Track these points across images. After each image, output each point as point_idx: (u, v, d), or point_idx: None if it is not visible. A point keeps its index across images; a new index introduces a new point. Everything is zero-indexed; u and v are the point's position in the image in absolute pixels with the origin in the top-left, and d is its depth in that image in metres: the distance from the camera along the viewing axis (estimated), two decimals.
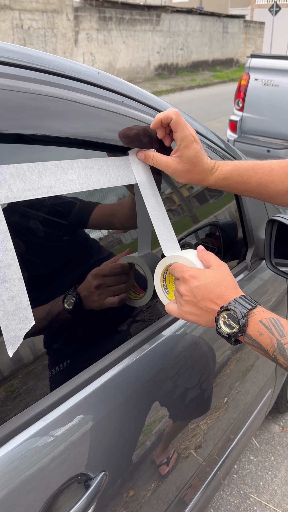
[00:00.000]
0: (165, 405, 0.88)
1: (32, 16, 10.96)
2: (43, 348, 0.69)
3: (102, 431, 0.72)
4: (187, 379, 0.96)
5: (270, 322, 0.63)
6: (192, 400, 1.01)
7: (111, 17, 12.94)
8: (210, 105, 10.33)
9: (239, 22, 19.42)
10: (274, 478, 1.75)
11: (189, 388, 0.98)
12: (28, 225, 0.66)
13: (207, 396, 1.07)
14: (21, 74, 0.62)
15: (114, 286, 0.80)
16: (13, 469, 0.59)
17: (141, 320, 0.90)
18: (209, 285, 0.68)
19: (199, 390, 1.03)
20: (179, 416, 0.96)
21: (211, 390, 1.08)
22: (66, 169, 0.63)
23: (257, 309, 0.65)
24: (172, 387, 0.90)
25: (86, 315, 0.78)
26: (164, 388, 0.88)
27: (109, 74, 0.81)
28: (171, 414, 0.91)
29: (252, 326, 0.64)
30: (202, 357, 1.02)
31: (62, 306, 0.71)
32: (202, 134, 1.04)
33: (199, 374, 1.01)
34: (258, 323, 0.64)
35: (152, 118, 0.83)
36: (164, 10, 15.03)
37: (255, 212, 1.27)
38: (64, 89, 0.68)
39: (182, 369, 0.93)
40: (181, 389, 0.93)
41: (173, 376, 0.90)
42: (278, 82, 4.27)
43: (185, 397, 0.96)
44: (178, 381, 0.92)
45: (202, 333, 1.02)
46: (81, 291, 0.74)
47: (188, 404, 0.99)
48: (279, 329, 0.62)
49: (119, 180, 0.72)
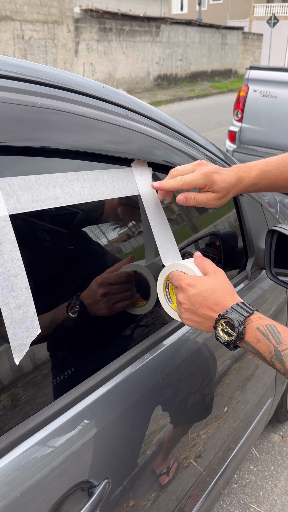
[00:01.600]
0: (167, 413, 0.89)
1: (33, 27, 11.08)
2: (43, 357, 0.70)
3: (105, 439, 0.72)
4: (188, 388, 0.97)
5: (267, 329, 0.64)
6: (194, 409, 1.01)
7: (111, 28, 13.09)
8: (209, 116, 10.42)
9: (237, 34, 19.66)
10: (274, 488, 1.75)
11: (190, 396, 0.98)
12: (35, 229, 0.67)
13: (208, 405, 1.07)
14: (24, 88, 0.64)
15: (120, 294, 0.81)
16: (14, 479, 0.59)
17: (144, 326, 0.91)
18: (206, 293, 0.69)
19: (201, 398, 1.03)
20: (181, 425, 0.97)
21: (211, 399, 1.09)
22: (72, 180, 0.64)
23: (254, 315, 0.66)
24: (174, 396, 0.91)
25: (89, 323, 0.79)
26: (166, 396, 0.88)
27: (112, 88, 0.83)
28: (173, 423, 0.91)
29: (250, 333, 0.65)
30: (203, 366, 1.02)
31: (66, 314, 0.72)
32: (201, 145, 1.06)
33: (200, 383, 1.02)
34: (256, 330, 0.65)
35: (154, 131, 0.85)
36: (164, 21, 15.22)
37: (255, 222, 1.28)
38: (68, 102, 0.69)
39: (184, 378, 0.94)
40: (182, 398, 0.94)
41: (174, 384, 0.91)
42: (276, 94, 4.32)
43: (187, 405, 0.97)
44: (179, 389, 0.92)
45: (203, 342, 1.02)
46: (85, 298, 0.75)
47: (189, 413, 0.99)
48: (275, 336, 0.63)
49: (123, 191, 0.74)
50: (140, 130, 0.81)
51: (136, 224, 0.88)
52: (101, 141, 0.73)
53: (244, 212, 1.24)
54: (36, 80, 0.66)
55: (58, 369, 0.72)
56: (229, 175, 0.80)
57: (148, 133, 0.83)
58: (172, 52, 15.74)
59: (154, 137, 0.85)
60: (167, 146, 0.88)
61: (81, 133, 0.69)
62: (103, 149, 0.73)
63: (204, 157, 1.03)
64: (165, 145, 0.88)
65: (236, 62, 20.10)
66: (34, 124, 0.62)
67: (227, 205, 1.24)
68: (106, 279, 0.78)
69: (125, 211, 0.84)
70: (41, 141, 0.63)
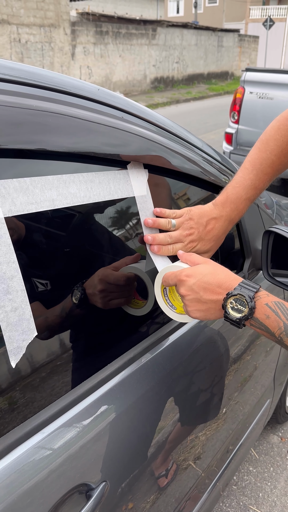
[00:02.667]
0: (165, 415, 0.89)
1: (29, 31, 11.11)
2: (40, 360, 0.69)
3: (103, 441, 0.72)
4: (186, 389, 0.96)
5: (276, 306, 0.65)
6: (193, 411, 1.01)
7: (108, 31, 13.13)
8: (206, 118, 10.44)
9: (233, 36, 19.73)
10: (273, 489, 1.74)
11: (189, 398, 0.98)
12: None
13: (207, 406, 1.07)
14: (21, 91, 0.64)
15: (116, 293, 0.81)
16: (12, 482, 0.59)
17: (139, 329, 0.91)
18: (207, 278, 0.70)
19: (199, 400, 1.03)
20: (179, 427, 0.96)
21: (211, 400, 1.08)
22: (67, 182, 0.64)
23: (262, 292, 0.67)
24: (172, 397, 0.90)
25: (88, 323, 0.79)
26: (164, 398, 0.88)
27: (108, 90, 0.83)
28: (171, 425, 0.91)
29: (259, 309, 0.65)
30: (201, 367, 1.02)
31: (71, 300, 0.72)
32: (198, 147, 1.06)
33: (199, 384, 1.02)
34: (265, 306, 0.65)
35: (150, 133, 0.85)
36: (160, 24, 15.27)
37: (252, 224, 1.28)
38: (64, 105, 0.69)
39: (182, 379, 0.94)
40: (180, 399, 0.94)
41: (173, 386, 0.91)
42: (272, 95, 4.34)
43: (185, 407, 0.96)
44: (177, 391, 0.92)
45: (202, 344, 1.02)
46: (87, 287, 0.75)
47: (188, 414, 0.99)
48: (285, 312, 0.64)
49: (118, 193, 0.74)
50: (137, 132, 0.81)
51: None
52: (97, 143, 0.73)
53: None
54: (31, 83, 0.66)
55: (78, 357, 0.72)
56: (219, 227, 0.82)
57: (145, 135, 0.83)
58: (169, 55, 15.79)
59: (151, 139, 0.85)
60: (163, 148, 0.88)
61: (77, 136, 0.69)
62: (100, 151, 0.73)
63: (201, 159, 1.03)
64: (161, 147, 0.88)
65: (233, 64, 20.18)
66: (31, 127, 0.62)
67: None
68: (106, 277, 0.78)
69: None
70: (37, 144, 0.63)
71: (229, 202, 0.83)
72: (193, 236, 0.81)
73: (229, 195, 0.84)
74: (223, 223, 0.83)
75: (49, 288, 0.67)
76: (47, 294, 0.67)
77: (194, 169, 0.99)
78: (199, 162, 1.02)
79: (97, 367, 0.78)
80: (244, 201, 0.84)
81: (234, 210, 0.83)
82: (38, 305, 0.63)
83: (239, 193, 0.84)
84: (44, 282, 0.65)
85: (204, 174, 1.03)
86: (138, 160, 0.80)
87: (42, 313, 0.65)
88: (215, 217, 0.82)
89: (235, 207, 0.83)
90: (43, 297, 0.65)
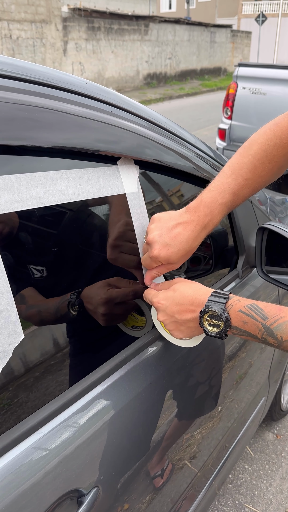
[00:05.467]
0: (160, 415, 0.87)
1: (20, 26, 11.01)
2: (34, 360, 0.68)
3: (95, 445, 0.70)
4: (181, 388, 0.95)
5: (250, 309, 0.65)
6: (188, 409, 1.00)
7: (100, 27, 13.04)
8: (199, 114, 10.42)
9: (226, 32, 19.69)
10: (269, 487, 1.74)
11: (184, 397, 0.97)
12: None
13: (202, 404, 1.06)
14: (9, 85, 0.62)
15: (119, 312, 0.82)
16: (3, 487, 0.57)
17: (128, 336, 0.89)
18: (177, 299, 0.71)
19: (195, 399, 1.02)
20: (174, 426, 0.95)
21: (206, 399, 1.07)
22: (55, 179, 0.62)
23: (232, 299, 0.67)
24: (167, 397, 0.89)
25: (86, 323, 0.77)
26: (158, 397, 0.87)
27: (97, 84, 0.81)
28: (166, 424, 0.90)
29: (235, 317, 0.66)
30: (195, 365, 1.01)
31: (67, 309, 0.71)
32: (191, 143, 1.05)
33: (194, 383, 1.00)
34: (239, 313, 0.65)
35: (139, 127, 0.83)
36: (152, 20, 15.20)
37: (245, 220, 1.27)
38: (53, 99, 0.67)
39: (176, 379, 0.92)
40: (175, 398, 0.93)
41: (167, 386, 0.89)
42: (265, 91, 4.33)
43: (180, 406, 0.95)
44: (172, 390, 0.91)
45: None
46: (87, 302, 0.73)
47: (183, 413, 0.98)
48: (260, 314, 0.64)
49: (108, 190, 0.72)
50: (126, 127, 0.79)
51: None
52: (86, 139, 0.71)
53: (234, 210, 1.23)
54: (19, 77, 0.64)
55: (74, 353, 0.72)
56: (189, 232, 0.75)
57: (135, 130, 0.81)
58: (161, 51, 15.72)
59: (143, 135, 0.83)
60: (156, 144, 0.86)
61: (67, 131, 0.67)
62: (88, 147, 0.71)
63: (194, 155, 1.02)
64: (154, 143, 0.86)
65: (225, 60, 20.14)
66: (20, 122, 0.60)
67: None
68: (111, 298, 0.77)
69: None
70: (27, 140, 0.61)
71: (203, 206, 0.75)
72: (156, 238, 0.73)
73: (204, 199, 0.76)
74: (193, 227, 0.74)
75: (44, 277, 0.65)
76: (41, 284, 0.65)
77: (187, 165, 0.97)
78: (192, 159, 1.00)
79: (88, 370, 0.76)
80: (220, 206, 0.76)
81: (208, 214, 0.75)
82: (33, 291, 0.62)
83: (214, 196, 0.76)
84: (40, 268, 0.64)
85: (197, 171, 1.01)
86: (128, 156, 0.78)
87: (36, 302, 0.64)
88: (185, 221, 0.74)
89: (209, 212, 0.75)
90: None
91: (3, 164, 0.60)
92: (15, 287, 0.57)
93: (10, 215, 0.57)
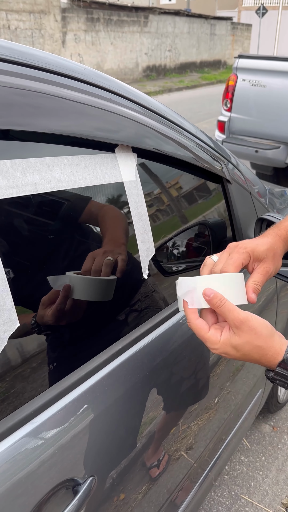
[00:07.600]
0: (156, 406, 0.87)
1: (19, 17, 10.89)
2: (31, 350, 0.67)
3: (90, 435, 0.70)
4: (178, 380, 0.95)
5: None
6: (184, 401, 0.99)
7: (99, 18, 12.91)
8: (198, 106, 10.36)
9: (226, 24, 19.53)
10: (265, 478, 1.75)
11: (181, 389, 0.96)
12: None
13: (199, 396, 1.06)
14: (7, 69, 0.61)
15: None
16: None
17: (129, 322, 0.89)
18: (252, 354, 0.66)
19: (191, 390, 1.02)
20: (171, 417, 0.95)
21: (203, 390, 1.07)
22: (51, 166, 0.61)
23: None
24: (162, 389, 0.89)
25: None
26: (154, 389, 0.86)
27: (95, 70, 0.79)
28: (163, 415, 0.89)
29: None
30: (193, 356, 1.00)
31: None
32: (192, 133, 1.03)
33: (190, 374, 1.00)
34: None
35: (138, 115, 0.81)
36: (152, 11, 15.05)
37: (244, 211, 1.26)
38: (50, 84, 0.66)
39: (172, 370, 0.92)
40: (172, 390, 0.92)
41: (163, 377, 0.89)
42: (265, 83, 4.29)
43: (177, 397, 0.95)
44: (168, 381, 0.91)
45: (193, 333, 1.00)
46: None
47: (180, 405, 0.97)
48: None
49: (106, 178, 0.71)
50: (125, 114, 0.78)
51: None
52: (84, 126, 0.70)
53: (233, 201, 1.22)
54: (17, 61, 0.63)
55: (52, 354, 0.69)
56: (260, 243, 0.75)
57: (133, 117, 0.80)
58: (161, 43, 15.59)
59: (142, 123, 0.82)
60: (155, 132, 0.85)
61: (65, 118, 0.66)
62: (86, 134, 0.70)
63: (194, 144, 1.00)
64: (153, 132, 0.84)
65: (225, 53, 20.00)
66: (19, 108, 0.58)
67: (216, 195, 1.22)
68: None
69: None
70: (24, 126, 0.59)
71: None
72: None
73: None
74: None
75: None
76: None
77: (186, 155, 0.96)
78: (192, 148, 0.99)
79: (83, 359, 0.76)
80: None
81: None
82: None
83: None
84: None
85: (197, 161, 1.00)
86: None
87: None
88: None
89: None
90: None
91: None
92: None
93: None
